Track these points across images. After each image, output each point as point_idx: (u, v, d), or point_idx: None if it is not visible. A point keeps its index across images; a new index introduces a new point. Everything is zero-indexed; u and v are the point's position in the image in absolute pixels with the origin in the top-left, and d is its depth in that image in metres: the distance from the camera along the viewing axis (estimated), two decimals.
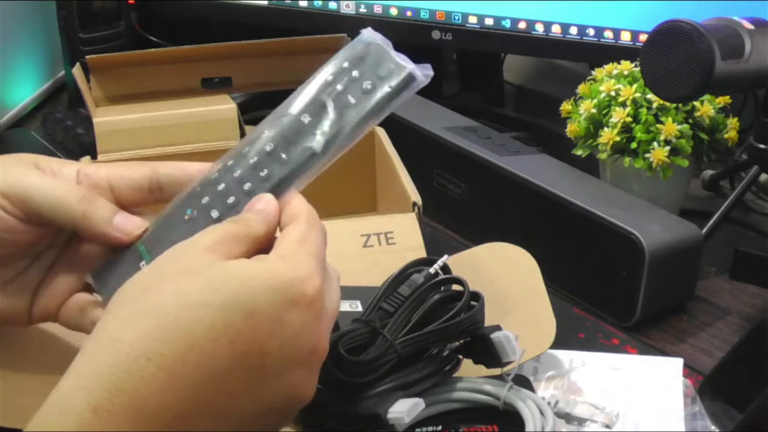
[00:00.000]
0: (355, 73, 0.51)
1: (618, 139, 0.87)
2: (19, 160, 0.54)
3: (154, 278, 0.46)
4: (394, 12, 1.13)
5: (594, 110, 0.89)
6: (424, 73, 0.51)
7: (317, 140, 0.51)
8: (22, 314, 0.55)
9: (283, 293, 0.46)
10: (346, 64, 0.51)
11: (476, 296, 0.61)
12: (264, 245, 0.50)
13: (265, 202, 0.51)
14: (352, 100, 0.51)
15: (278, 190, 0.51)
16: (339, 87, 0.51)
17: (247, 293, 0.45)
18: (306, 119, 0.51)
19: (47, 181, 0.53)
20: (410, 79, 0.51)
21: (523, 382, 0.64)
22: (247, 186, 0.51)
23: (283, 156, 0.51)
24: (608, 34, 1.03)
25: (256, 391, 0.46)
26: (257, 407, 0.47)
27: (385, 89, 0.51)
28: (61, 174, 0.54)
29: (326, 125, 0.51)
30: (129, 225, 0.53)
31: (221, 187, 0.52)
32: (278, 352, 0.46)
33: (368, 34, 0.52)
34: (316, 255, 0.48)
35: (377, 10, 1.14)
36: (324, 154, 0.51)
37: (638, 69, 0.84)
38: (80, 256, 0.55)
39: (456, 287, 0.61)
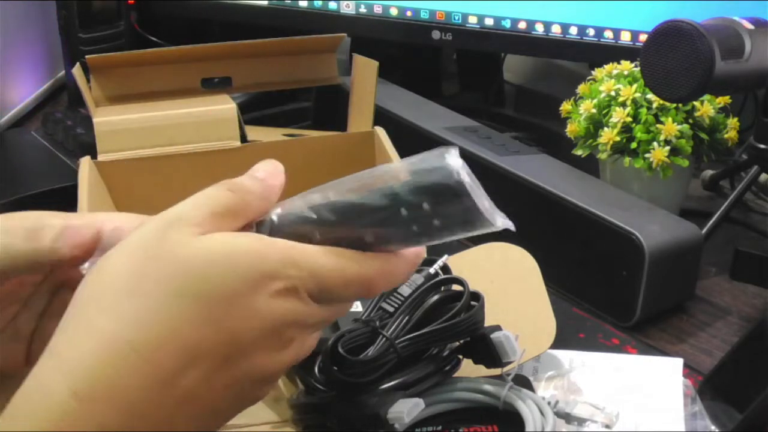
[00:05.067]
0: (436, 222, 0.44)
1: (618, 139, 0.87)
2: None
3: (131, 258, 0.45)
4: (394, 12, 1.13)
5: (594, 110, 0.89)
6: (502, 221, 0.45)
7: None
8: (19, 363, 0.54)
9: (255, 277, 0.45)
10: (426, 207, 0.43)
11: (476, 296, 0.61)
12: (256, 218, 0.48)
13: (273, 167, 0.48)
14: (416, 229, 0.44)
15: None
16: (404, 213, 0.44)
17: (227, 279, 0.44)
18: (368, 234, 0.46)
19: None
20: (486, 226, 0.45)
21: (523, 382, 0.64)
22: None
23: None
24: (608, 34, 1.03)
25: (230, 376, 0.46)
26: (230, 391, 0.47)
27: (453, 230, 0.44)
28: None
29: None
30: (79, 239, 0.51)
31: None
32: (248, 335, 0.45)
33: (455, 169, 0.43)
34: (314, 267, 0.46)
35: (377, 10, 1.14)
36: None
37: (638, 69, 0.84)
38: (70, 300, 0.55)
39: (456, 287, 0.61)
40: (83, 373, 0.43)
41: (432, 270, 0.62)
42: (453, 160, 0.44)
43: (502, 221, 0.44)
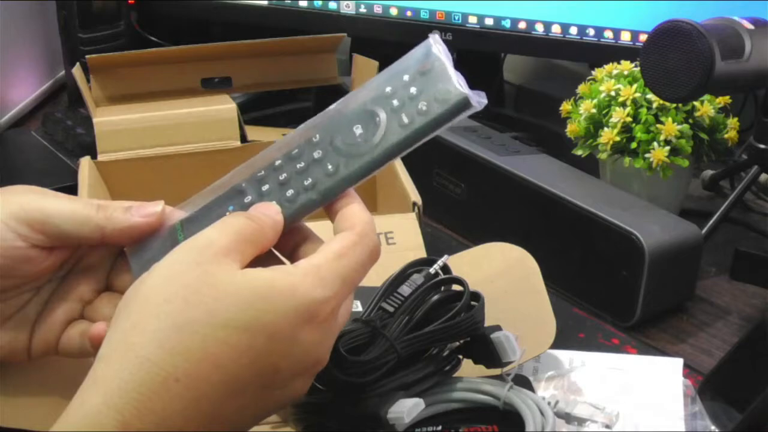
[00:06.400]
0: (413, 90, 0.50)
1: (618, 139, 0.87)
2: (23, 188, 0.55)
3: (176, 286, 0.46)
4: (394, 12, 1.13)
5: (594, 110, 0.89)
6: (478, 100, 0.49)
7: (365, 156, 0.50)
8: (21, 350, 0.55)
9: (301, 313, 0.47)
10: (406, 78, 0.50)
11: (476, 296, 0.61)
12: (267, 249, 0.51)
13: (275, 212, 0.51)
14: (405, 120, 0.50)
15: (319, 201, 0.51)
16: (395, 102, 0.50)
17: (270, 314, 0.46)
18: (358, 131, 0.51)
19: (62, 200, 0.53)
20: (465, 105, 0.49)
21: (523, 382, 0.64)
22: (289, 192, 0.51)
23: (329, 167, 0.51)
24: (608, 34, 1.03)
25: (262, 402, 0.48)
26: (259, 413, 0.49)
27: (438, 113, 0.49)
28: (67, 197, 0.55)
29: (375, 140, 0.50)
30: (148, 208, 0.54)
31: (265, 188, 0.52)
32: (288, 367, 0.48)
33: (434, 44, 0.50)
34: (345, 274, 0.49)
35: (377, 10, 1.14)
36: (368, 170, 0.51)
37: (638, 69, 0.84)
38: (77, 286, 0.55)
39: (456, 287, 0.61)
40: (130, 405, 0.44)
41: (432, 270, 0.62)
42: (434, 43, 0.50)
43: (476, 98, 0.49)
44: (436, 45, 0.50)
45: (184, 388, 0.44)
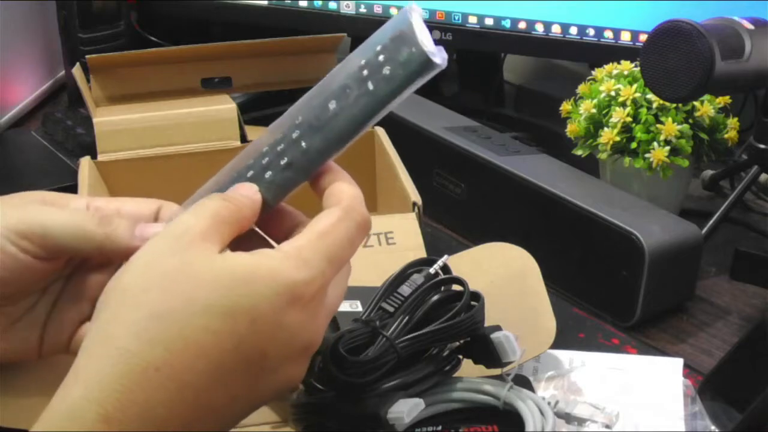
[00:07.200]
0: (381, 57, 0.49)
1: (618, 139, 0.87)
2: (25, 198, 0.54)
3: (154, 276, 0.46)
4: (394, 12, 1.13)
5: (594, 110, 0.89)
6: (442, 57, 0.49)
7: (333, 129, 0.50)
8: (32, 350, 0.55)
9: (283, 295, 0.46)
10: (378, 47, 0.49)
11: (476, 296, 0.61)
12: (247, 228, 0.50)
13: (253, 192, 0.51)
14: (371, 87, 0.49)
15: (296, 178, 0.51)
16: (365, 72, 0.49)
17: (251, 299, 0.46)
18: (332, 105, 0.50)
19: (62, 213, 0.53)
20: (427, 66, 0.48)
21: (523, 382, 0.64)
22: (267, 174, 0.51)
23: (303, 145, 0.50)
24: (608, 34, 1.03)
25: (254, 389, 0.47)
26: (253, 401, 0.48)
27: (401, 77, 0.49)
28: (71, 206, 0.54)
29: (346, 113, 0.50)
30: (151, 232, 0.53)
31: (250, 174, 0.52)
32: (276, 352, 0.47)
33: (409, 11, 0.49)
34: (330, 252, 0.48)
35: (377, 10, 1.14)
36: (338, 142, 0.50)
37: (638, 69, 0.84)
38: (85, 287, 0.55)
39: (456, 287, 0.61)
40: (112, 398, 0.43)
41: (432, 270, 0.62)
42: (410, 10, 0.48)
43: (440, 56, 0.48)
44: (411, 12, 0.49)
45: (166, 378, 0.44)
